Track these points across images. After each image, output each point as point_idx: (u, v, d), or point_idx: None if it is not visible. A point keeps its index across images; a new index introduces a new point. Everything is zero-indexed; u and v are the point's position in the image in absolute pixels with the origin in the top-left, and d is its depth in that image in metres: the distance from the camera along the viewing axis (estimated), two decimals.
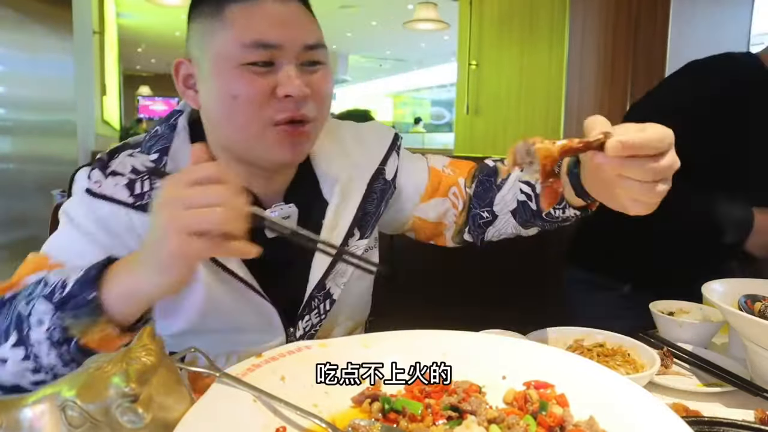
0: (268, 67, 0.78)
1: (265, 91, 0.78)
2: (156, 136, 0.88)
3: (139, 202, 0.81)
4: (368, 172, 0.96)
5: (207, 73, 0.80)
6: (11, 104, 2.70)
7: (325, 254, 0.85)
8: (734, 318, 0.80)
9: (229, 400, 0.53)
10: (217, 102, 0.80)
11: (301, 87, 0.78)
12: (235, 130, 0.81)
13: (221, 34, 0.78)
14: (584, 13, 3.77)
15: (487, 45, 4.81)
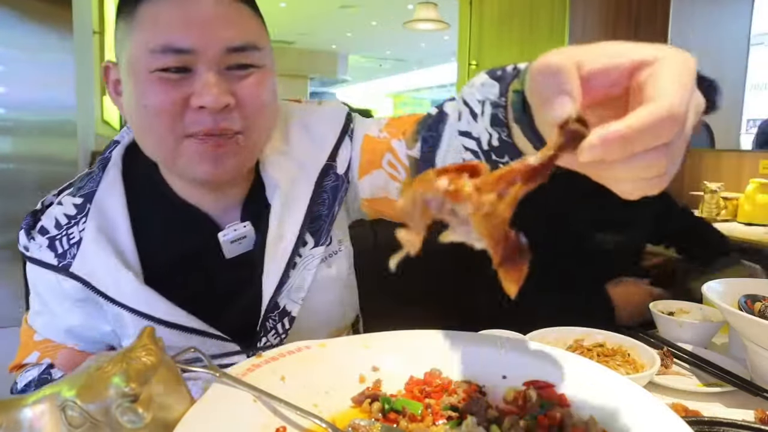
0: (183, 73, 0.70)
1: (177, 101, 0.70)
2: (88, 173, 0.83)
3: (62, 262, 0.77)
4: (315, 170, 0.84)
5: (124, 79, 0.74)
6: (11, 104, 2.70)
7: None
8: (734, 318, 0.80)
9: (229, 400, 0.53)
10: (131, 112, 0.73)
11: (219, 97, 0.69)
12: (151, 142, 0.74)
13: (132, 37, 0.71)
14: (584, 13, 3.77)
15: (487, 45, 4.81)
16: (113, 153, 0.84)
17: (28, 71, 2.70)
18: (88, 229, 0.77)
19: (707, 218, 2.73)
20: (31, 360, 0.83)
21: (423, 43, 10.82)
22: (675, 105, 0.37)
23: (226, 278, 0.83)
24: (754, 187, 2.63)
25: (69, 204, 0.80)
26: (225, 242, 0.81)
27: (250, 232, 0.82)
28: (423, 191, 0.41)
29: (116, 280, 0.76)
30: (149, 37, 0.69)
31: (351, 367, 0.64)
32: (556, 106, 0.40)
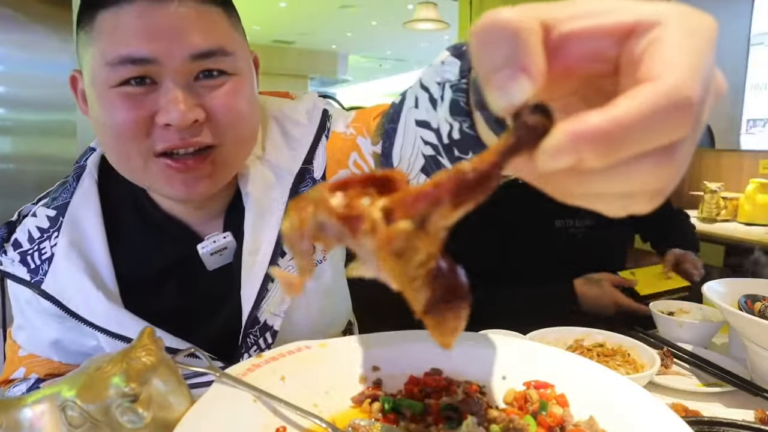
0: (146, 86, 0.64)
1: (141, 119, 0.64)
2: (63, 182, 0.79)
3: (34, 278, 0.74)
4: (290, 175, 0.78)
5: (87, 92, 0.69)
6: (11, 104, 2.70)
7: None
8: (734, 318, 0.80)
9: (229, 400, 0.53)
10: (97, 128, 0.68)
11: (185, 114, 0.63)
12: (118, 161, 0.69)
13: (90, 50, 0.65)
14: None
15: None
16: (88, 161, 0.79)
17: (28, 71, 2.70)
18: (60, 244, 0.74)
19: (707, 218, 2.73)
20: (18, 375, 0.81)
21: (423, 43, 10.82)
22: (686, 86, 0.24)
23: (206, 292, 0.79)
24: (754, 187, 2.63)
25: (43, 216, 0.76)
26: (204, 254, 0.77)
27: (231, 243, 0.78)
28: (314, 212, 0.28)
29: (87, 300, 0.73)
30: (106, 48, 0.63)
31: (351, 367, 0.64)
32: (504, 86, 0.27)
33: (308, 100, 0.85)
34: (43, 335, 0.80)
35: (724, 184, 2.80)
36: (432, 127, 0.52)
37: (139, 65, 0.63)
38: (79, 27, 0.68)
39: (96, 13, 0.64)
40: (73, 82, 0.72)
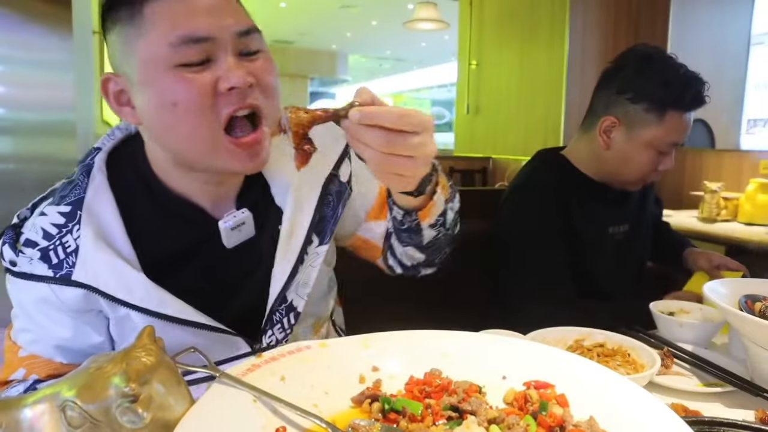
0: (204, 64, 0.71)
1: (206, 91, 0.70)
2: (70, 182, 0.81)
3: (59, 272, 0.75)
4: (322, 176, 0.89)
5: (138, 84, 0.73)
6: (11, 104, 2.70)
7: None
8: (734, 318, 0.80)
9: (229, 400, 0.53)
10: (156, 113, 0.73)
11: (244, 76, 0.71)
12: (182, 139, 0.74)
13: (144, 38, 0.71)
14: (584, 13, 3.77)
15: (487, 45, 4.81)
16: (95, 159, 0.82)
17: (28, 71, 2.70)
18: (84, 235, 0.76)
19: (707, 218, 2.73)
20: (18, 376, 0.81)
21: (423, 43, 10.82)
22: (414, 111, 0.62)
23: (228, 269, 0.84)
24: (754, 187, 2.63)
25: (54, 213, 0.77)
26: (225, 229, 0.82)
27: (249, 219, 0.84)
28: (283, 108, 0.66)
29: (124, 282, 0.75)
30: (166, 32, 0.69)
31: (351, 367, 0.64)
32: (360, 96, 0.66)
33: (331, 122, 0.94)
34: (50, 335, 0.80)
35: (724, 184, 2.80)
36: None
37: (200, 43, 0.70)
38: (116, 26, 0.73)
39: (142, 7, 0.70)
40: (105, 84, 0.76)
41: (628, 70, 1.36)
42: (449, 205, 0.88)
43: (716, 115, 3.72)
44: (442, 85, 14.43)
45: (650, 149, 1.34)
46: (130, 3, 0.71)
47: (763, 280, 0.93)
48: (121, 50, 0.73)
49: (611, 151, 1.38)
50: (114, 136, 0.87)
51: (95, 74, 4.62)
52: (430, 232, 0.88)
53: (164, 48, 0.70)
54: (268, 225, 0.87)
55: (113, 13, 0.73)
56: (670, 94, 1.30)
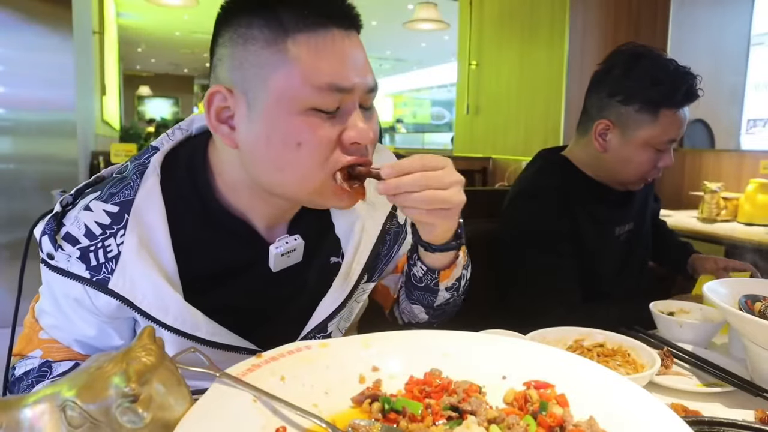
0: (335, 112, 0.70)
1: (332, 139, 0.70)
2: (121, 178, 0.78)
3: (96, 276, 0.72)
4: (383, 214, 0.89)
5: (260, 112, 0.70)
6: (11, 104, 2.70)
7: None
8: (734, 318, 0.80)
9: (229, 400, 0.53)
10: (273, 146, 0.70)
11: (368, 132, 0.71)
12: (294, 178, 0.72)
13: (285, 71, 0.68)
14: (584, 13, 3.77)
15: (487, 45, 4.81)
16: (152, 159, 0.79)
17: (28, 71, 2.70)
18: (128, 242, 0.73)
19: (707, 218, 2.73)
20: (35, 356, 0.82)
21: (423, 43, 10.82)
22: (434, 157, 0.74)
23: (269, 293, 0.83)
24: (754, 187, 2.63)
25: (100, 211, 0.74)
26: (276, 255, 0.81)
27: (299, 246, 0.83)
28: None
29: (161, 300, 0.73)
30: (313, 73, 0.68)
31: (351, 367, 0.64)
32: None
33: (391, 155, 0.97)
34: (75, 330, 0.80)
35: (724, 184, 2.80)
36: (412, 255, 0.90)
37: (340, 93, 0.69)
38: (252, 41, 0.69)
39: (288, 35, 0.68)
40: (212, 97, 0.72)
41: (617, 72, 1.35)
42: (464, 271, 0.92)
43: (716, 115, 3.72)
44: (442, 85, 14.43)
45: (647, 148, 1.33)
46: (277, 26, 0.68)
47: (763, 280, 0.93)
48: (247, 70, 0.70)
49: (608, 154, 1.38)
50: (174, 136, 0.84)
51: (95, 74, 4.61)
52: (444, 294, 0.91)
53: (306, 89, 0.68)
54: (320, 252, 0.86)
55: (245, 25, 0.69)
56: (661, 93, 1.29)
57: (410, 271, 0.91)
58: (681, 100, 1.30)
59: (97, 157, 3.60)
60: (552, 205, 1.37)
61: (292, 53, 0.68)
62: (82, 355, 0.82)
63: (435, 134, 14.11)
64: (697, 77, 1.31)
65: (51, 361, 0.82)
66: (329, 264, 0.87)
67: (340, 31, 0.70)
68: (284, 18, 0.68)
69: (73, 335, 0.81)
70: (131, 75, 15.06)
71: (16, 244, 2.56)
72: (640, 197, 1.53)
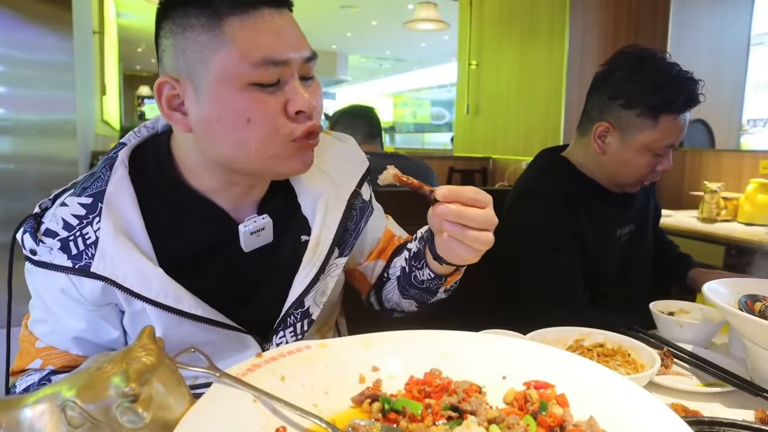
0: (275, 85, 0.74)
1: (277, 111, 0.74)
2: (91, 174, 0.82)
3: (78, 263, 0.75)
4: (347, 192, 0.93)
5: (206, 94, 0.74)
6: (11, 104, 2.70)
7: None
8: (734, 318, 0.80)
9: (229, 400, 0.53)
10: (224, 125, 0.74)
11: (311, 101, 0.75)
12: (248, 152, 0.76)
13: (222, 52, 0.72)
14: (584, 13, 3.77)
15: (487, 45, 4.81)
16: (119, 153, 0.83)
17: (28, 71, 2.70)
18: (104, 227, 0.76)
19: (707, 218, 2.73)
20: (34, 366, 0.83)
21: (423, 43, 10.82)
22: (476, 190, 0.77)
23: (245, 272, 0.86)
24: (754, 187, 2.63)
25: (75, 204, 0.78)
26: (245, 233, 0.84)
27: (268, 225, 0.86)
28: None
29: (142, 276, 0.76)
30: (249, 51, 0.71)
31: (351, 367, 0.64)
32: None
33: (352, 146, 1.03)
34: (67, 327, 0.81)
35: (724, 184, 2.80)
36: (413, 249, 0.94)
37: (278, 66, 0.73)
38: (190, 28, 0.73)
39: (222, 19, 0.72)
40: (161, 87, 0.76)
41: (619, 75, 1.35)
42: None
43: (716, 115, 3.72)
44: (442, 85, 14.44)
45: (646, 152, 1.33)
46: (212, 13, 0.72)
47: (763, 280, 0.93)
48: (189, 57, 0.74)
49: (607, 156, 1.38)
50: (140, 133, 0.88)
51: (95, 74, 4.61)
52: (441, 295, 0.95)
53: (244, 66, 0.71)
54: (290, 232, 0.89)
55: (186, 15, 0.73)
56: (663, 99, 1.29)
57: (412, 273, 0.93)
58: (681, 106, 1.30)
59: (97, 157, 3.60)
60: (556, 205, 1.37)
61: (228, 34, 0.72)
62: (81, 357, 0.83)
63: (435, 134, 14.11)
64: (699, 82, 1.31)
65: (51, 374, 0.82)
66: (300, 242, 0.90)
67: (270, 9, 0.74)
68: (216, 3, 0.72)
69: (68, 334, 0.82)
70: (131, 75, 15.05)
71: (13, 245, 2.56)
72: (640, 199, 1.53)
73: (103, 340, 0.84)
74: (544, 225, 1.36)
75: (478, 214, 0.75)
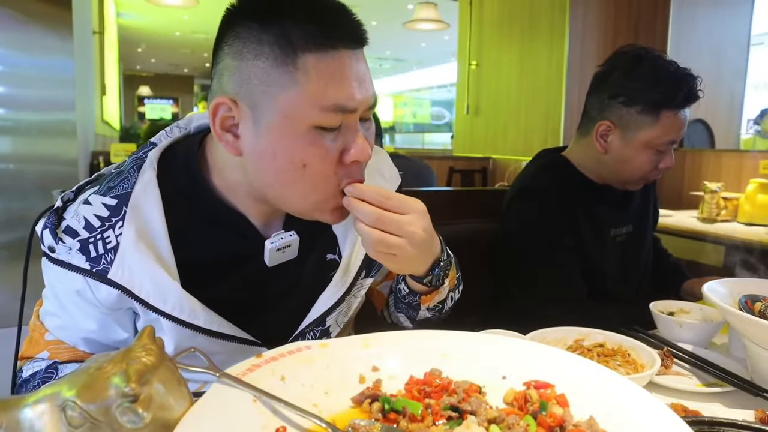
0: (338, 129, 0.71)
1: (335, 158, 0.72)
2: (119, 173, 0.80)
3: (96, 267, 0.74)
4: None
5: (266, 128, 0.71)
6: (11, 104, 2.70)
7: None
8: (734, 318, 0.80)
9: (229, 400, 0.53)
10: (279, 163, 0.72)
11: (367, 150, 0.73)
12: (294, 194, 0.75)
13: (293, 90, 0.68)
14: (584, 14, 3.77)
15: (487, 45, 4.81)
16: (149, 154, 0.81)
17: (28, 71, 2.70)
18: (126, 233, 0.74)
19: (707, 218, 2.73)
20: (42, 357, 0.83)
21: (423, 43, 10.82)
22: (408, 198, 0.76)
23: (265, 286, 0.85)
24: (754, 187, 2.63)
25: (99, 204, 0.76)
26: (270, 249, 0.82)
27: (295, 242, 0.84)
28: None
29: (160, 288, 0.74)
30: (320, 92, 0.68)
31: (351, 367, 0.64)
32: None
33: (386, 156, 1.01)
34: (79, 326, 0.81)
35: (724, 184, 2.80)
36: None
37: (345, 114, 0.70)
38: (262, 56, 0.69)
39: (297, 53, 0.68)
40: (217, 108, 0.73)
41: (618, 74, 1.36)
42: (451, 294, 0.94)
43: (716, 115, 3.72)
44: (442, 85, 14.43)
45: (648, 149, 1.34)
46: (286, 45, 0.68)
47: (763, 280, 0.93)
48: (255, 85, 0.70)
49: (609, 155, 1.38)
50: (171, 133, 0.86)
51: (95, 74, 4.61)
52: (425, 313, 0.93)
53: (313, 109, 0.69)
54: (316, 249, 0.88)
55: (255, 41, 0.69)
56: (662, 95, 1.30)
57: (397, 285, 0.94)
58: (682, 101, 1.31)
59: (97, 157, 3.60)
60: (552, 203, 1.38)
61: (301, 74, 0.68)
62: (88, 354, 0.83)
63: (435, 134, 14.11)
64: (697, 78, 1.32)
65: (58, 363, 0.82)
66: (325, 261, 0.88)
67: (348, 51, 0.70)
68: (293, 37, 0.68)
69: (78, 333, 0.81)
70: (131, 75, 15.05)
71: (16, 244, 2.56)
72: (639, 199, 1.53)
73: (111, 341, 0.83)
74: (541, 222, 1.37)
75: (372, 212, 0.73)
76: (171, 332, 0.77)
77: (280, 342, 0.84)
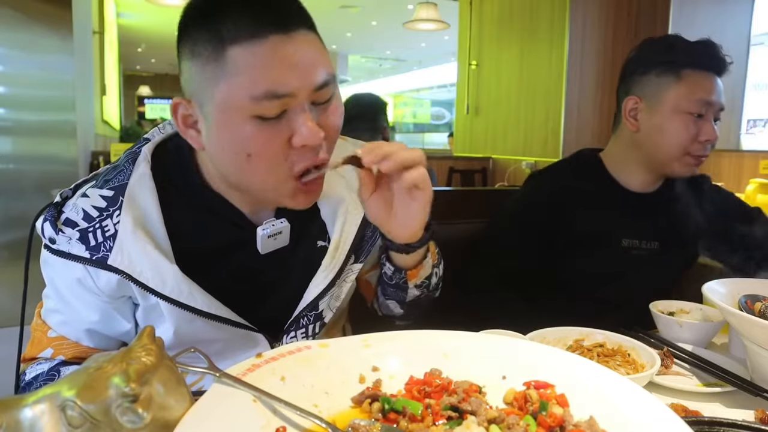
0: (280, 116, 0.71)
1: (280, 145, 0.72)
2: (115, 166, 0.83)
3: (96, 255, 0.76)
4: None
5: (212, 120, 0.73)
6: (11, 104, 2.70)
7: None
8: (734, 318, 0.80)
9: (229, 400, 0.53)
10: (227, 155, 0.74)
11: (318, 134, 0.72)
12: (250, 183, 0.77)
13: (225, 82, 0.69)
14: (584, 13, 3.77)
15: (487, 45, 4.81)
16: (143, 148, 0.84)
17: (28, 71, 2.70)
18: (124, 221, 0.77)
19: None
20: (45, 355, 0.84)
21: (423, 43, 10.83)
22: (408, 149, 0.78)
23: (259, 274, 0.87)
24: (754, 187, 2.63)
25: (96, 196, 0.79)
26: (262, 236, 0.84)
27: (286, 229, 0.87)
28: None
29: (158, 272, 0.77)
30: (248, 83, 0.68)
31: (351, 367, 0.64)
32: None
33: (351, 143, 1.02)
34: (81, 318, 0.82)
35: (724, 184, 2.80)
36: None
37: (280, 99, 0.69)
38: (198, 56, 0.71)
39: (226, 48, 0.69)
40: (176, 108, 0.76)
41: (631, 54, 1.39)
42: (435, 270, 0.96)
43: None
44: (442, 85, 14.44)
45: (679, 114, 1.28)
46: (217, 41, 0.69)
47: (763, 280, 0.93)
48: (199, 82, 0.72)
49: (642, 132, 1.33)
50: (164, 130, 0.89)
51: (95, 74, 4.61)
52: (414, 291, 0.94)
53: (245, 99, 0.69)
54: (307, 236, 0.90)
55: (195, 42, 0.71)
56: (678, 53, 1.28)
57: (382, 270, 0.95)
58: (700, 58, 1.28)
59: (97, 157, 3.60)
60: (536, 196, 1.40)
61: (230, 65, 0.69)
62: (92, 349, 0.85)
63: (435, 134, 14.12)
64: (717, 45, 1.29)
65: (60, 365, 0.83)
66: (316, 248, 0.90)
67: (278, 35, 0.69)
68: (224, 32, 0.69)
69: (81, 326, 0.83)
70: (131, 75, 15.07)
71: (16, 244, 2.56)
72: (673, 216, 1.39)
73: (115, 333, 0.85)
74: (514, 201, 1.42)
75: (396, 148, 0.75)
76: (170, 316, 0.79)
77: (276, 327, 0.87)
